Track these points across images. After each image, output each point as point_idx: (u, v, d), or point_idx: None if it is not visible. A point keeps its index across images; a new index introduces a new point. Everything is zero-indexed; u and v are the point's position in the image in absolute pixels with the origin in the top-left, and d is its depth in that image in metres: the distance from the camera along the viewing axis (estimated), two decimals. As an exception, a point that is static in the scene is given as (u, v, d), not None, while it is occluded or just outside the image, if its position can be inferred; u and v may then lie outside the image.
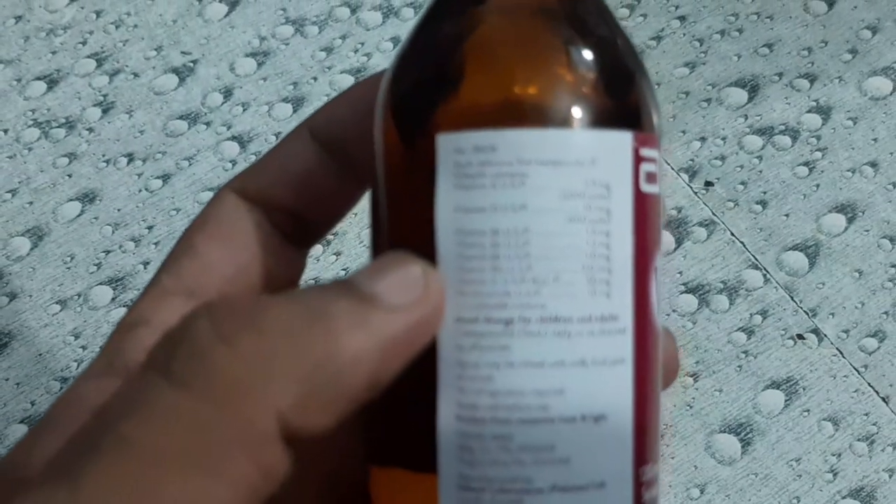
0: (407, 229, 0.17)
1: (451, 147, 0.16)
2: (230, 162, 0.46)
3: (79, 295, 0.43)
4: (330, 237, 0.43)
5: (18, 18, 0.50)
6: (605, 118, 0.16)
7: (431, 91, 0.17)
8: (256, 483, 0.14)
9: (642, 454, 0.17)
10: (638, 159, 0.16)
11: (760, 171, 0.44)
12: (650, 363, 0.17)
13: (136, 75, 0.48)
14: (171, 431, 0.14)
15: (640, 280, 0.16)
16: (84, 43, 0.49)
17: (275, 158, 0.19)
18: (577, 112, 0.16)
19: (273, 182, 0.19)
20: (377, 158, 0.18)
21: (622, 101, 0.17)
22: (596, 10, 0.18)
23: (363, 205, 0.21)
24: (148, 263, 0.44)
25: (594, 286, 0.16)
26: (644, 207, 0.16)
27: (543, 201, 0.16)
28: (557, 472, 0.16)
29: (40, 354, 0.42)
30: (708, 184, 0.44)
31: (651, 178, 0.17)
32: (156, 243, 0.44)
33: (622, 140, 0.16)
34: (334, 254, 0.43)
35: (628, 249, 0.16)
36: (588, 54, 0.17)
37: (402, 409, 0.17)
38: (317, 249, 0.43)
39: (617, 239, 0.16)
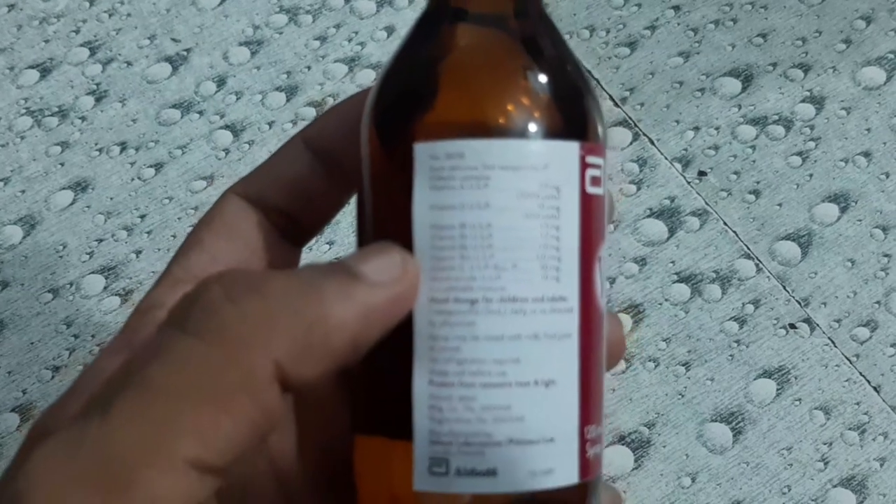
0: (388, 224, 0.19)
1: (427, 154, 0.19)
2: (223, 151, 0.46)
3: (71, 283, 0.43)
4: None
5: (11, 7, 0.50)
6: (556, 131, 0.19)
7: (410, 107, 0.20)
8: (257, 420, 0.17)
9: (587, 415, 0.20)
10: (584, 165, 0.19)
11: (754, 161, 0.44)
12: (594, 338, 0.20)
13: (129, 64, 0.48)
14: (186, 373, 0.16)
15: (586, 267, 0.20)
16: (77, 31, 0.49)
17: (272, 165, 0.22)
18: (532, 125, 0.19)
19: (271, 186, 0.22)
20: (363, 164, 0.20)
21: (570, 116, 0.20)
22: (551, 40, 0.21)
23: (354, 199, 0.22)
24: (140, 252, 0.43)
25: (546, 272, 0.19)
26: (589, 206, 0.20)
27: (504, 200, 0.19)
28: (513, 429, 0.19)
29: (32, 343, 0.42)
30: (701, 173, 0.44)
31: (595, 181, 0.20)
32: (148, 232, 0.44)
33: (570, 149, 0.19)
34: (327, 243, 0.43)
35: (575, 241, 0.19)
36: (542, 77, 0.20)
37: (382, 381, 0.20)
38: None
39: (565, 232, 0.19)
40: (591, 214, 0.20)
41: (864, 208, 0.43)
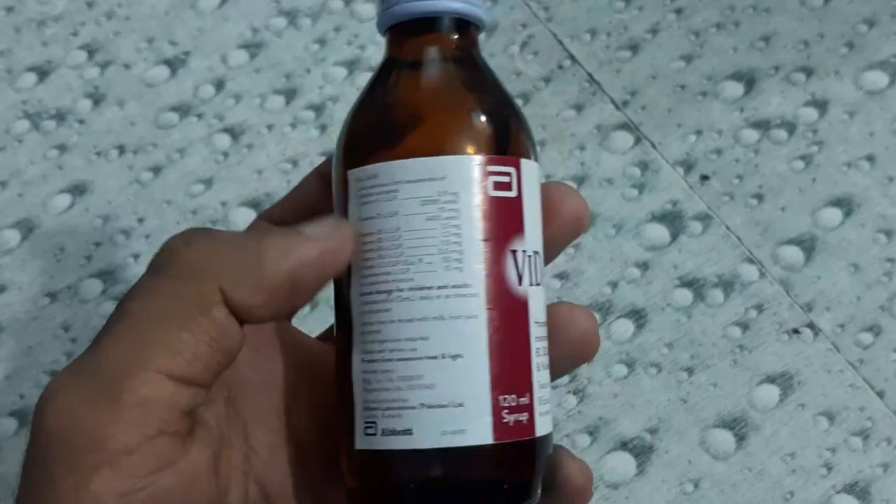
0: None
1: (355, 178, 0.24)
2: (222, 154, 0.45)
3: (69, 287, 0.42)
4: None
5: (9, 10, 0.49)
6: (451, 149, 0.24)
7: (344, 143, 0.25)
8: (213, 335, 0.21)
9: (500, 384, 0.23)
10: (486, 174, 0.23)
11: (756, 165, 0.44)
12: (507, 318, 0.23)
13: (127, 67, 0.48)
14: (153, 302, 0.21)
15: (494, 258, 0.23)
16: (75, 34, 0.48)
17: (294, 194, 0.27)
18: (430, 147, 0.24)
19: (292, 212, 0.26)
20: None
21: (466, 136, 0.24)
22: (461, 77, 0.25)
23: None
24: (138, 256, 0.43)
25: (448, 263, 0.23)
26: (494, 207, 0.23)
27: (409, 207, 0.23)
28: (425, 395, 0.23)
29: (30, 347, 0.41)
30: (703, 177, 0.44)
31: (501, 186, 0.24)
32: (147, 236, 0.44)
33: (467, 161, 0.23)
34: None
35: (478, 236, 0.23)
36: (442, 110, 0.25)
37: (339, 365, 0.25)
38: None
39: (466, 230, 0.23)
40: (498, 213, 0.23)
41: (868, 213, 0.43)
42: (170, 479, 0.20)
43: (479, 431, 0.23)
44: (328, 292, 0.25)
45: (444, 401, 0.23)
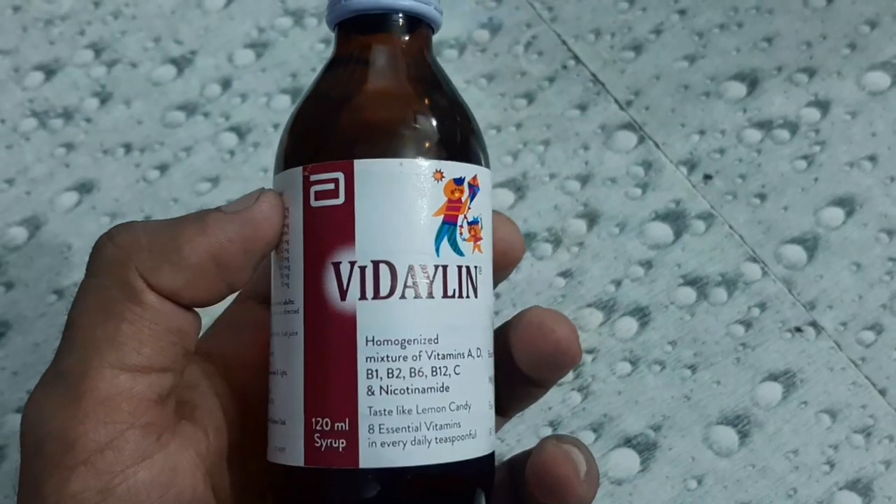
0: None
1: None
2: (228, 153, 0.46)
3: (76, 284, 0.43)
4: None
5: (17, 9, 0.50)
6: (285, 162, 0.24)
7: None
8: (147, 318, 0.22)
9: (314, 407, 0.22)
10: (308, 184, 0.23)
11: (759, 165, 0.44)
12: (324, 336, 0.22)
13: (134, 66, 0.48)
14: (88, 302, 0.22)
15: (312, 273, 0.22)
16: (82, 33, 0.49)
17: None
18: (278, 161, 0.24)
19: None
20: None
21: (294, 146, 0.24)
22: (343, 84, 0.26)
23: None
24: (145, 253, 0.43)
25: (282, 279, 0.23)
26: (313, 219, 0.23)
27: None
28: (270, 409, 0.24)
29: (37, 344, 0.41)
30: (707, 177, 0.44)
31: (321, 195, 0.22)
32: (153, 233, 0.44)
33: (294, 173, 0.23)
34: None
35: (300, 250, 0.23)
36: (293, 122, 0.25)
37: None
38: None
39: (293, 244, 0.23)
40: (317, 225, 0.23)
41: (870, 212, 0.43)
42: (147, 472, 0.21)
43: (294, 452, 0.22)
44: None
45: (276, 417, 0.23)
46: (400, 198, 0.22)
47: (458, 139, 0.24)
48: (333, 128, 0.24)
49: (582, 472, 0.22)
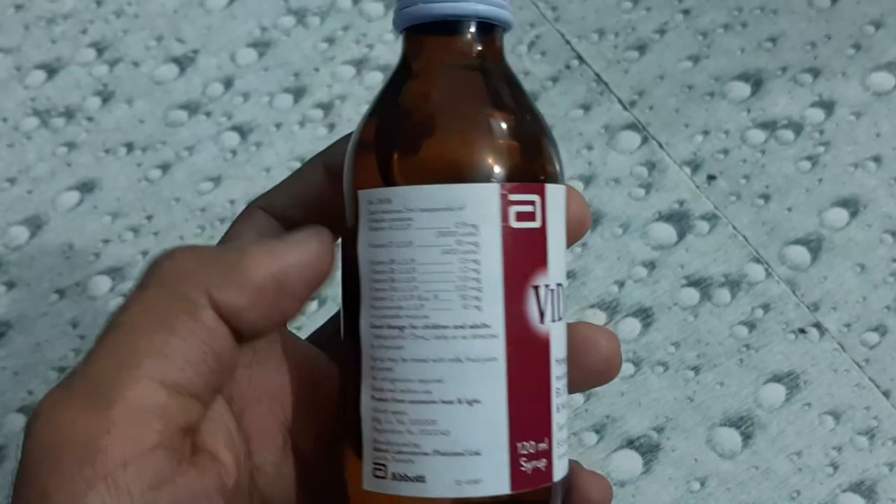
0: (346, 254, 0.23)
1: (366, 199, 0.22)
2: (231, 152, 0.46)
3: (77, 284, 0.43)
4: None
5: (19, 7, 0.49)
6: (471, 176, 0.21)
7: (355, 159, 0.23)
8: (202, 336, 0.21)
9: (519, 431, 0.21)
10: (507, 203, 0.21)
11: (763, 166, 0.44)
12: (527, 361, 0.22)
13: (136, 65, 0.48)
14: (141, 312, 0.21)
15: (513, 296, 0.21)
16: (84, 32, 0.49)
17: (295, 184, 0.25)
18: (448, 173, 0.22)
19: (294, 204, 0.25)
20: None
21: (487, 162, 0.22)
22: (487, 94, 0.23)
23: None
24: (147, 253, 0.43)
25: (466, 301, 0.21)
26: (515, 240, 0.21)
27: (424, 238, 0.21)
28: (439, 441, 0.21)
29: (38, 344, 0.41)
30: (710, 177, 0.44)
31: (524, 216, 0.22)
32: (155, 233, 0.44)
33: (487, 190, 0.21)
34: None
35: (498, 272, 0.21)
36: (461, 133, 0.22)
37: (345, 398, 0.23)
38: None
39: (486, 265, 0.21)
40: (519, 247, 0.22)
41: (874, 213, 0.43)
42: (168, 499, 0.19)
43: (496, 481, 0.21)
44: (335, 290, 0.25)
45: (459, 448, 0.21)
46: (563, 221, 0.23)
47: None
48: (532, 147, 0.23)
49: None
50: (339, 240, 0.24)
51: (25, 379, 0.41)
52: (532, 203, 0.22)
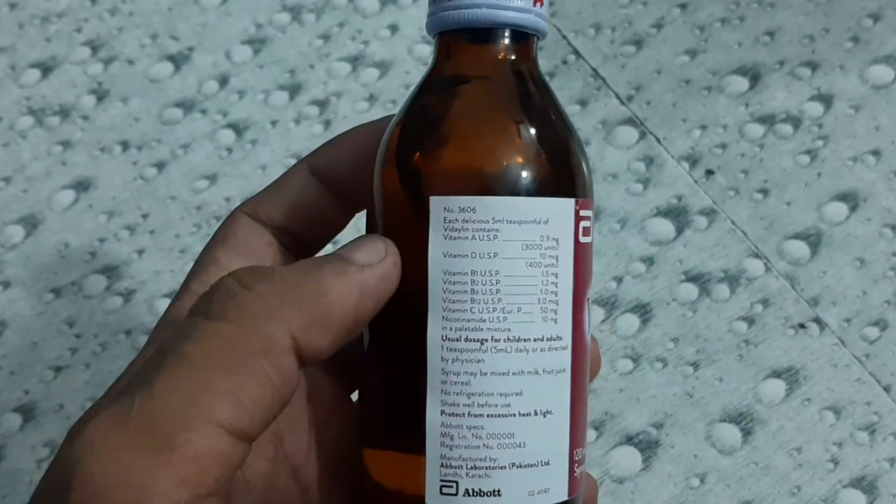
0: (402, 262, 0.22)
1: (442, 206, 0.21)
2: (226, 150, 0.45)
3: (73, 283, 0.42)
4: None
5: (13, 6, 0.49)
6: (555, 189, 0.22)
7: (426, 162, 0.22)
8: (277, 383, 0.19)
9: (575, 439, 0.22)
10: (578, 218, 0.22)
11: (761, 160, 0.44)
12: (582, 371, 0.23)
13: (131, 63, 0.47)
14: (215, 347, 0.19)
15: (577, 309, 0.22)
16: (79, 30, 0.48)
17: (280, 190, 0.25)
18: (536, 184, 0.22)
19: (280, 209, 0.24)
20: (376, 200, 0.23)
21: (567, 175, 0.22)
22: (547, 102, 0.23)
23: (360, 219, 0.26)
24: (143, 252, 0.43)
25: (546, 314, 0.22)
26: (581, 254, 0.22)
27: (510, 251, 0.21)
28: (516, 454, 0.21)
29: (34, 343, 0.41)
30: (708, 172, 0.44)
31: (586, 231, 0.22)
32: (151, 232, 0.43)
33: (567, 204, 0.22)
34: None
35: (570, 286, 0.22)
36: (546, 142, 0.22)
37: (396, 405, 0.22)
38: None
39: (563, 279, 0.22)
40: (583, 261, 0.22)
41: (873, 207, 0.43)
42: None
43: (559, 489, 0.22)
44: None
45: (533, 459, 0.22)
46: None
47: None
48: (586, 163, 0.23)
49: None
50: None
51: (21, 378, 0.40)
52: (590, 218, 0.23)
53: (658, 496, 0.38)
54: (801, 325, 0.41)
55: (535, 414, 0.22)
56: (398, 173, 0.22)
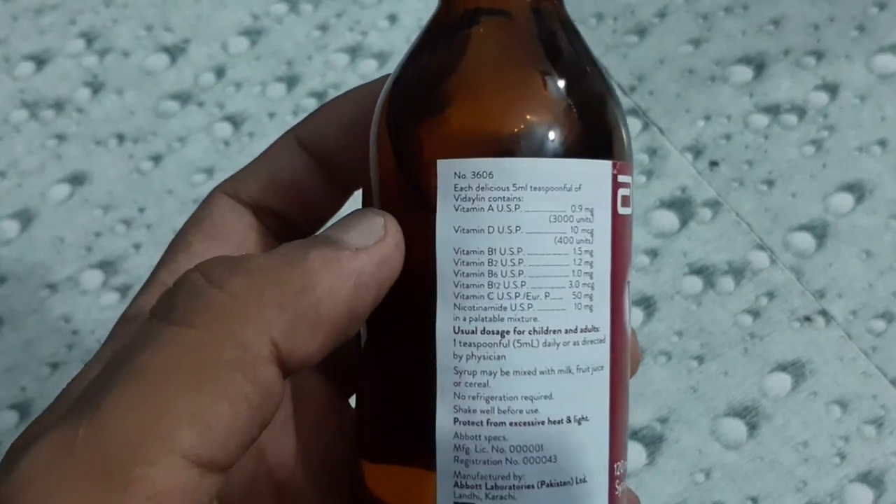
0: (405, 244, 0.18)
1: (452, 172, 0.18)
2: (223, 143, 0.45)
3: (69, 278, 0.42)
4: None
5: (6, -3, 0.49)
6: (589, 149, 0.18)
7: (433, 120, 0.18)
8: (254, 401, 0.16)
9: (616, 451, 0.19)
10: (616, 185, 0.18)
11: (766, 151, 0.43)
12: (622, 369, 0.19)
13: (126, 55, 0.47)
14: (178, 359, 0.15)
15: (616, 294, 0.18)
16: (73, 22, 0.48)
17: (264, 165, 0.21)
18: (566, 144, 0.18)
19: (263, 188, 0.21)
20: (373, 172, 0.19)
21: (602, 134, 0.18)
22: (577, 49, 0.19)
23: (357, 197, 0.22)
24: (139, 246, 0.43)
25: (579, 300, 0.18)
26: (620, 228, 0.18)
27: (535, 224, 0.17)
28: (546, 470, 0.18)
29: (30, 340, 0.41)
30: (713, 163, 0.43)
31: (625, 201, 0.19)
32: (148, 226, 0.43)
33: (603, 168, 0.18)
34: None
35: (607, 266, 0.18)
36: (576, 93, 0.18)
37: (399, 412, 0.18)
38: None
39: (599, 257, 0.18)
40: (622, 237, 0.19)
41: (880, 198, 0.42)
42: None
43: None
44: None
45: (566, 476, 0.18)
46: None
47: None
48: (627, 126, 0.19)
49: None
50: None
51: (17, 375, 0.40)
52: (629, 186, 0.19)
53: (663, 492, 0.37)
54: (807, 318, 0.40)
55: (568, 421, 0.18)
56: (398, 134, 0.19)
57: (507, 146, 0.18)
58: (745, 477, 0.37)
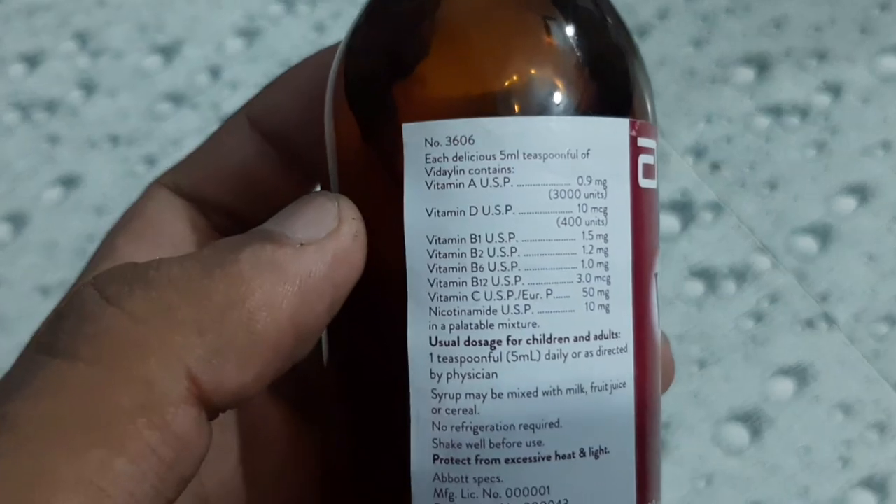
0: (368, 235, 0.14)
1: (422, 137, 0.13)
2: (219, 145, 0.44)
3: (62, 283, 0.41)
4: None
5: (-2, -3, 0.48)
6: (598, 104, 0.14)
7: (395, 73, 0.14)
8: (166, 455, 0.12)
9: (645, 491, 0.15)
10: (636, 149, 0.14)
11: (768, 153, 0.43)
12: (651, 385, 0.15)
13: (119, 56, 0.46)
14: (59, 405, 0.12)
15: (640, 290, 0.14)
16: (66, 23, 0.47)
17: (211, 151, 0.17)
18: (567, 98, 0.14)
19: (209, 177, 0.17)
20: (329, 151, 0.15)
21: (617, 86, 0.14)
22: None
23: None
24: (134, 250, 0.42)
25: (591, 299, 0.14)
26: (643, 205, 0.14)
27: (531, 201, 0.13)
28: None
29: (22, 344, 0.40)
30: (714, 166, 0.43)
31: (648, 171, 0.15)
32: (142, 229, 0.43)
33: (619, 128, 0.14)
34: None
35: (627, 254, 0.14)
36: (576, 34, 0.14)
37: (368, 447, 0.14)
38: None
39: (615, 243, 0.14)
40: (646, 216, 0.14)
41: (883, 201, 0.42)
42: None
43: None
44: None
45: None
46: None
47: None
48: (648, 79, 0.15)
49: None
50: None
51: (9, 381, 0.40)
52: (653, 152, 0.15)
53: (664, 499, 0.37)
54: (809, 322, 0.40)
55: (582, 455, 0.14)
56: (355, 96, 0.15)
57: (491, 103, 0.14)
58: (747, 483, 0.37)
